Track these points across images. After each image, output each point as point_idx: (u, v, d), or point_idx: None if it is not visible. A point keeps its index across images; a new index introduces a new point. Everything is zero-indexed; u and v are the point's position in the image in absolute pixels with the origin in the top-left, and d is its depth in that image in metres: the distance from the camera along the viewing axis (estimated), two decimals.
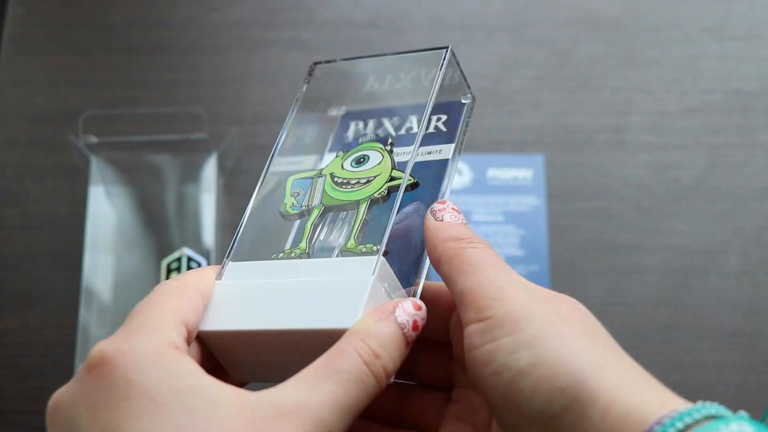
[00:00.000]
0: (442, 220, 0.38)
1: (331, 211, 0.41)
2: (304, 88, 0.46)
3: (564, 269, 0.73)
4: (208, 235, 0.72)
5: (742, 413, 0.31)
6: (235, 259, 0.39)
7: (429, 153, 0.43)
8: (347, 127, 0.46)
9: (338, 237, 0.40)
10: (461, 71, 0.44)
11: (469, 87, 0.45)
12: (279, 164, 0.43)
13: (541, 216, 0.75)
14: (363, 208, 0.40)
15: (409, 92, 0.46)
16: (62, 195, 0.76)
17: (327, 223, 0.41)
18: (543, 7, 0.83)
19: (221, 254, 0.72)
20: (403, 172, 0.40)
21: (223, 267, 0.39)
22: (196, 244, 0.72)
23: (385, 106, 0.46)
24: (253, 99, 0.80)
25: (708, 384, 0.69)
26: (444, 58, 0.43)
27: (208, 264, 0.71)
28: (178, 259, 0.70)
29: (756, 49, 0.81)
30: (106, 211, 0.73)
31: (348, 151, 0.44)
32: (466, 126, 0.44)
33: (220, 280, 0.38)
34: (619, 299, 0.72)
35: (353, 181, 0.41)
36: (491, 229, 0.74)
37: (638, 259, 0.73)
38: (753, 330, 0.71)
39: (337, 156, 0.44)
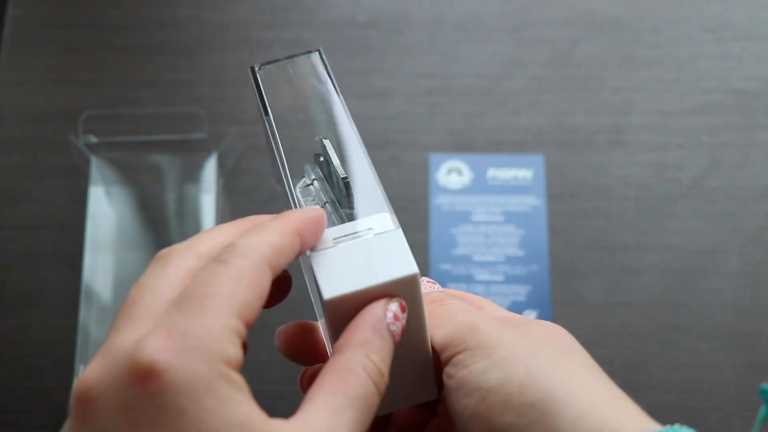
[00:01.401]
0: None
1: None
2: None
3: (564, 269, 0.73)
4: None
5: None
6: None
7: None
8: None
9: None
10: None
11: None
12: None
13: (541, 216, 0.75)
14: None
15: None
16: (62, 195, 0.76)
17: None
18: (543, 7, 0.83)
19: None
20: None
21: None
22: None
23: None
24: (253, 99, 0.79)
25: (708, 384, 0.69)
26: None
27: None
28: None
29: (756, 49, 0.81)
30: (106, 211, 0.74)
31: None
32: None
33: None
34: (619, 299, 0.72)
35: None
36: (491, 229, 0.74)
37: (638, 259, 0.73)
38: (753, 330, 0.71)
39: None
